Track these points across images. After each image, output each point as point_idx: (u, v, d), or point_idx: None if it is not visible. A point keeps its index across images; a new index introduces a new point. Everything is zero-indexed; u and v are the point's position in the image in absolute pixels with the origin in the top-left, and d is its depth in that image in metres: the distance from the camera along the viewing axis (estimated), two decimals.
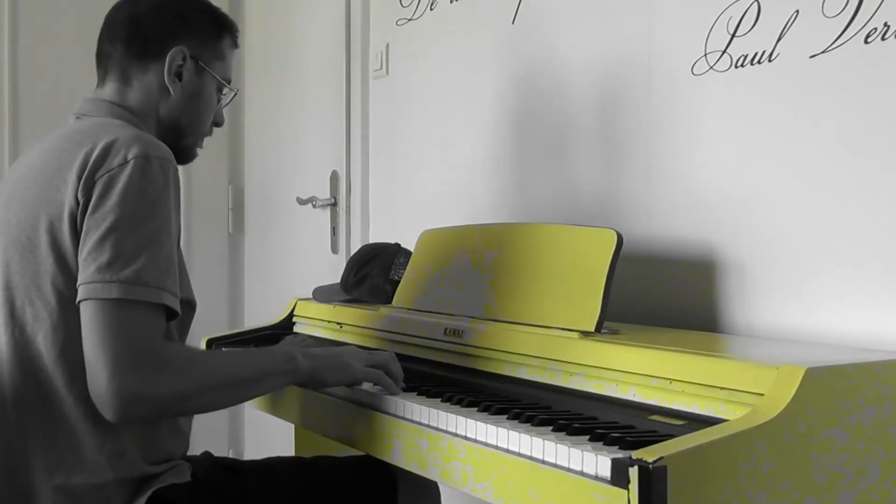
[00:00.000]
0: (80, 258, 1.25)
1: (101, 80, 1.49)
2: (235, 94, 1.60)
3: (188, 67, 1.48)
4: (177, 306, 1.28)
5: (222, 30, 1.54)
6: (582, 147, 1.91)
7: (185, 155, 1.55)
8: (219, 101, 1.57)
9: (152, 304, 1.24)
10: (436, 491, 1.63)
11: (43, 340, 1.29)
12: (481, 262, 1.62)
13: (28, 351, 1.30)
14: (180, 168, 1.46)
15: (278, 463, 1.57)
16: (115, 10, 1.49)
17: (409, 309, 1.73)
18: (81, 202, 1.27)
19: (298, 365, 1.40)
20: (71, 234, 1.27)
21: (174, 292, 1.27)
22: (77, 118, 1.45)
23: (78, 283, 1.25)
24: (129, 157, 1.27)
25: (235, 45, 1.58)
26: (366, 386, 1.49)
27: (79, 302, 1.24)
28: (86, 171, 1.27)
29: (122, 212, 1.25)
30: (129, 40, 1.46)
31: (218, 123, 1.60)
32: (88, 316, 1.23)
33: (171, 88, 1.46)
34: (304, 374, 1.41)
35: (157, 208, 1.27)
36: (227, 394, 1.36)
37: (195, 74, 1.49)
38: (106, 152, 1.28)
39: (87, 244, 1.25)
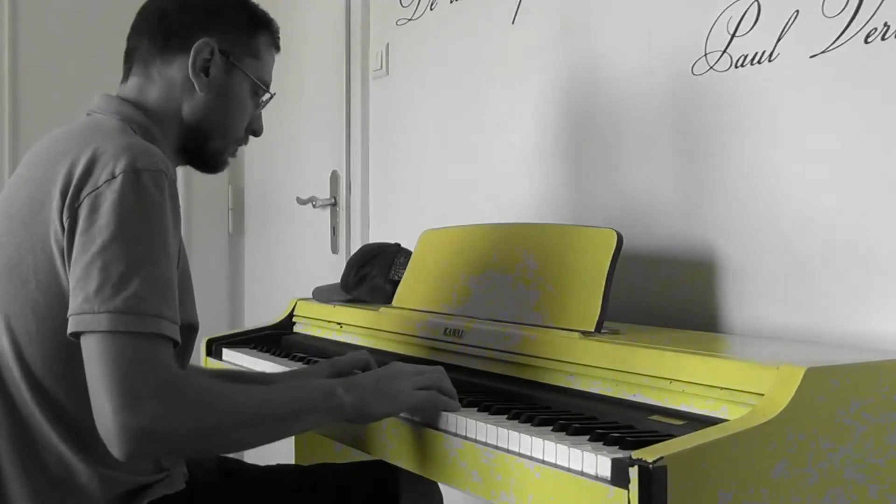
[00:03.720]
0: (70, 286, 1.13)
1: (125, 76, 1.39)
2: (272, 96, 1.45)
3: (216, 62, 1.35)
4: (176, 334, 1.14)
5: (258, 26, 1.41)
6: (581, 147, 1.91)
7: (211, 161, 1.43)
8: (257, 106, 1.43)
9: (149, 334, 1.10)
10: (438, 495, 1.62)
11: (18, 367, 1.20)
12: (481, 262, 1.62)
13: (5, 375, 1.21)
14: (181, 169, 1.42)
15: (278, 470, 1.55)
16: (146, 4, 1.41)
17: (410, 309, 1.73)
18: (67, 226, 1.14)
19: (340, 400, 1.23)
20: (55, 260, 1.17)
21: (173, 319, 1.13)
22: (87, 115, 1.36)
23: (68, 312, 1.13)
24: (118, 171, 1.14)
25: (276, 46, 1.45)
26: None
27: (70, 334, 1.12)
28: (70, 190, 1.15)
29: (111, 233, 1.11)
30: (153, 32, 1.36)
31: (255, 132, 1.45)
32: (84, 349, 1.11)
33: (195, 83, 1.34)
34: (347, 409, 1.23)
35: (151, 226, 1.14)
36: (256, 433, 1.20)
37: (224, 71, 1.37)
38: (91, 165, 1.16)
39: (75, 271, 1.12)
